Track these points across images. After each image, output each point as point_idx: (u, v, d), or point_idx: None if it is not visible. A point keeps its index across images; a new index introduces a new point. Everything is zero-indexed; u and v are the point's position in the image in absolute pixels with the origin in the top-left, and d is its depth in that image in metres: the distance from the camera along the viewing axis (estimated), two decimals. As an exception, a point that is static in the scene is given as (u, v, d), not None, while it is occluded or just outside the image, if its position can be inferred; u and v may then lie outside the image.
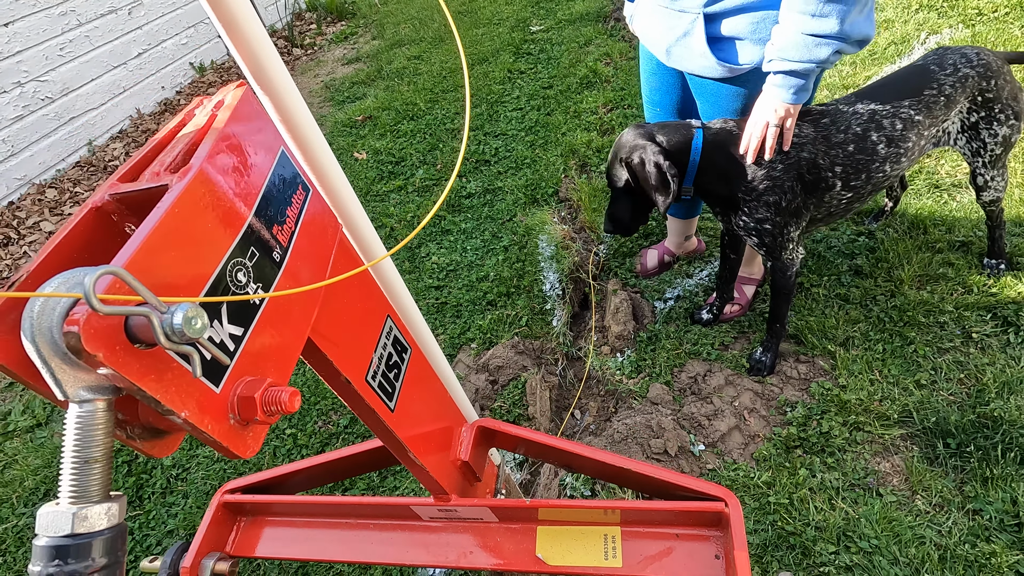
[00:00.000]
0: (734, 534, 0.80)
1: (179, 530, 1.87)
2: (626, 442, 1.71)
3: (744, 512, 1.53)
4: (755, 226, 1.59)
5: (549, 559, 0.89)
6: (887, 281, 2.00)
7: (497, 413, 1.95)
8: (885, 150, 1.53)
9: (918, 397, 1.67)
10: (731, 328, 2.04)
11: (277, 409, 0.48)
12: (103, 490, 0.43)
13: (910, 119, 1.53)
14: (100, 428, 0.42)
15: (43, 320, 0.39)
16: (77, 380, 0.41)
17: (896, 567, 1.36)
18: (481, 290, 2.46)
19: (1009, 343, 1.75)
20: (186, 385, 0.43)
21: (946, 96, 1.55)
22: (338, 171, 0.69)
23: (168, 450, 0.52)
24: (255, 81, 0.59)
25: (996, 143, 1.64)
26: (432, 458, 0.89)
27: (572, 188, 2.82)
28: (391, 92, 4.39)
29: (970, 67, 1.56)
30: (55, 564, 0.40)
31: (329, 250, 0.65)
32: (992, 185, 1.74)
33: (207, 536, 1.01)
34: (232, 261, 0.48)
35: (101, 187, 0.52)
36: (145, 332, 0.39)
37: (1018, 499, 1.40)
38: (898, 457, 1.58)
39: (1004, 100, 1.60)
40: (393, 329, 0.80)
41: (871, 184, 1.58)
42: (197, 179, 0.46)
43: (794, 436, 1.66)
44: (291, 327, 0.56)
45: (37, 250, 3.78)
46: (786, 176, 1.52)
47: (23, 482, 2.13)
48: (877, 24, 3.42)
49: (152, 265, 0.41)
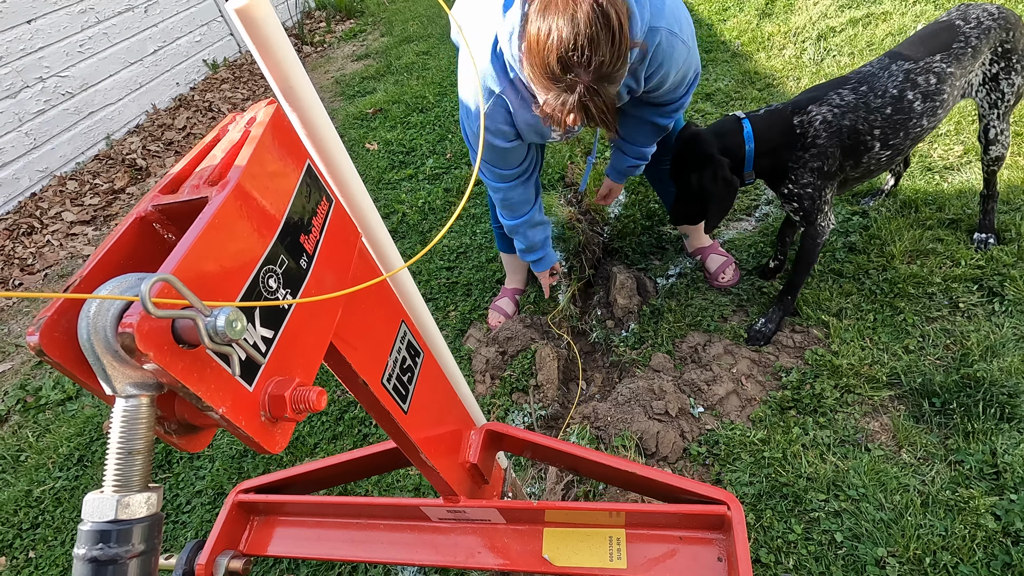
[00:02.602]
0: (736, 537, 0.81)
1: (207, 490, 1.98)
2: (629, 404, 1.81)
3: (740, 466, 1.63)
4: (798, 191, 1.72)
5: (555, 560, 0.91)
6: (879, 256, 2.09)
7: (507, 382, 2.05)
8: (921, 106, 1.65)
9: (906, 361, 1.77)
10: (730, 302, 2.14)
11: (305, 407, 0.50)
12: (143, 480, 0.45)
13: (943, 72, 1.65)
14: (143, 422, 0.44)
15: (98, 321, 0.41)
16: (125, 376, 0.43)
17: (881, 512, 1.45)
18: (491, 270, 2.56)
19: (994, 312, 1.84)
20: (223, 383, 0.45)
21: (972, 47, 1.67)
22: (359, 183, 0.73)
23: (200, 445, 0.54)
24: (284, 100, 0.64)
25: (1013, 93, 1.76)
26: (442, 460, 0.91)
27: (577, 173, 2.92)
28: (400, 86, 4.50)
29: (992, 20, 1.68)
30: (99, 547, 0.42)
31: (351, 257, 0.68)
32: (1001, 140, 1.86)
33: (222, 534, 1.03)
34: (264, 268, 0.51)
35: (144, 198, 0.55)
36: (190, 333, 0.41)
37: (996, 450, 1.49)
38: (886, 416, 1.68)
39: (1021, 51, 1.72)
40: (407, 334, 0.83)
41: (909, 140, 1.71)
42: (234, 192, 0.49)
43: (788, 398, 1.76)
44: (316, 330, 0.58)
45: (60, 239, 3.92)
46: (829, 143, 1.65)
47: (57, 448, 2.25)
48: (875, 16, 3.51)
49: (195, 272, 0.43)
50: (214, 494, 1.96)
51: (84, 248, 3.79)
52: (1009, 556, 1.31)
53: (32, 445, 2.32)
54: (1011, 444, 1.50)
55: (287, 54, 0.60)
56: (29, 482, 2.15)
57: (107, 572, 0.42)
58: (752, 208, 2.54)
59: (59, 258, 3.75)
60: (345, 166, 0.70)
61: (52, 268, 3.67)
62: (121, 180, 4.38)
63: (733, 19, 4.00)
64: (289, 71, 0.61)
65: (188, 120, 5.06)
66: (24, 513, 2.05)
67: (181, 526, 1.91)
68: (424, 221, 2.99)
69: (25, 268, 3.69)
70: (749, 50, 3.61)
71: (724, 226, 2.49)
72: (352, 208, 0.73)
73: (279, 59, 0.60)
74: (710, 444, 1.72)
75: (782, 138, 1.68)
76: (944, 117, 1.74)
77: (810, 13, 3.73)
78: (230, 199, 0.48)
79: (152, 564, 0.44)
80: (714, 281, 2.20)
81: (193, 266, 0.43)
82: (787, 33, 3.63)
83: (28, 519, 2.03)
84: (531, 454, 1.10)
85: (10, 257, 3.75)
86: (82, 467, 2.18)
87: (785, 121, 1.67)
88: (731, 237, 2.42)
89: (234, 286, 0.48)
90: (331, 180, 0.70)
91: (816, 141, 1.65)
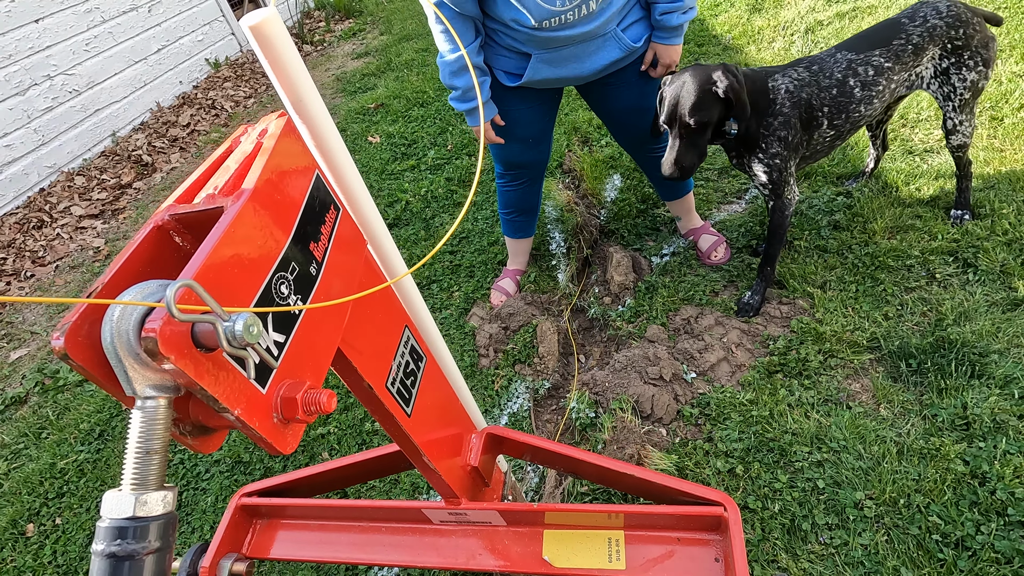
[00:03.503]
0: (733, 538, 0.82)
1: (224, 459, 2.08)
2: (626, 370, 1.92)
3: (730, 425, 1.74)
4: (767, 161, 1.83)
5: (555, 561, 0.92)
6: (862, 233, 2.21)
7: (510, 355, 2.16)
8: (860, 93, 1.80)
9: (885, 327, 1.88)
10: (721, 277, 2.25)
11: (316, 409, 0.51)
12: (159, 479, 0.46)
13: (880, 66, 1.79)
14: (161, 423, 0.45)
15: (121, 325, 0.43)
16: (145, 379, 0.44)
17: (860, 461, 1.56)
18: (492, 252, 2.67)
19: (968, 281, 1.95)
20: (239, 386, 0.47)
21: (914, 45, 1.80)
22: (365, 193, 0.75)
23: (214, 447, 0.55)
24: (295, 112, 0.66)
25: (965, 88, 1.87)
26: (444, 462, 0.92)
27: (575, 160, 3.03)
28: (401, 82, 4.61)
29: (939, 18, 1.80)
30: (117, 543, 0.43)
31: (358, 264, 0.70)
32: (960, 130, 1.96)
33: (225, 538, 1.05)
34: (277, 275, 0.52)
35: (161, 207, 0.56)
36: (209, 338, 0.42)
37: (967, 404, 1.60)
38: (866, 378, 1.79)
39: (973, 48, 1.82)
40: (410, 339, 0.85)
41: (849, 123, 1.85)
42: (249, 202, 0.51)
43: (775, 363, 1.87)
44: (325, 335, 0.60)
45: (69, 232, 4.01)
46: (792, 113, 1.77)
47: (79, 425, 2.34)
48: (861, 10, 3.63)
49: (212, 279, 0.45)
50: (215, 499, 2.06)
51: (93, 240, 3.88)
52: (976, 496, 1.42)
53: (53, 423, 2.41)
54: (980, 398, 1.61)
55: (298, 68, 0.63)
56: (53, 456, 2.25)
57: (124, 567, 0.42)
58: (742, 191, 2.66)
59: (69, 250, 3.84)
60: (352, 176, 0.73)
61: (63, 260, 3.76)
62: (127, 176, 4.48)
63: (724, 14, 4.12)
64: (299, 84, 0.64)
65: (192, 117, 5.16)
66: (49, 484, 2.15)
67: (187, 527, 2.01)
68: (427, 209, 3.10)
69: (36, 260, 3.78)
70: (740, 43, 3.73)
71: (715, 208, 2.60)
72: (358, 216, 0.75)
73: (290, 73, 0.63)
74: (702, 406, 1.82)
75: (760, 97, 1.77)
76: (880, 108, 1.89)
77: (799, 7, 3.86)
78: (245, 209, 0.50)
79: (167, 561, 0.45)
80: (707, 259, 2.31)
81: (211, 273, 0.45)
82: (776, 27, 3.75)
83: (54, 489, 2.13)
84: (531, 457, 1.12)
85: (21, 250, 3.84)
86: (103, 441, 2.27)
87: (763, 82, 1.78)
88: (722, 218, 2.53)
89: (248, 292, 0.49)
90: (338, 189, 0.72)
91: (783, 109, 1.77)
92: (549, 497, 1.76)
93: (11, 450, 2.36)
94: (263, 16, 0.59)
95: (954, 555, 1.34)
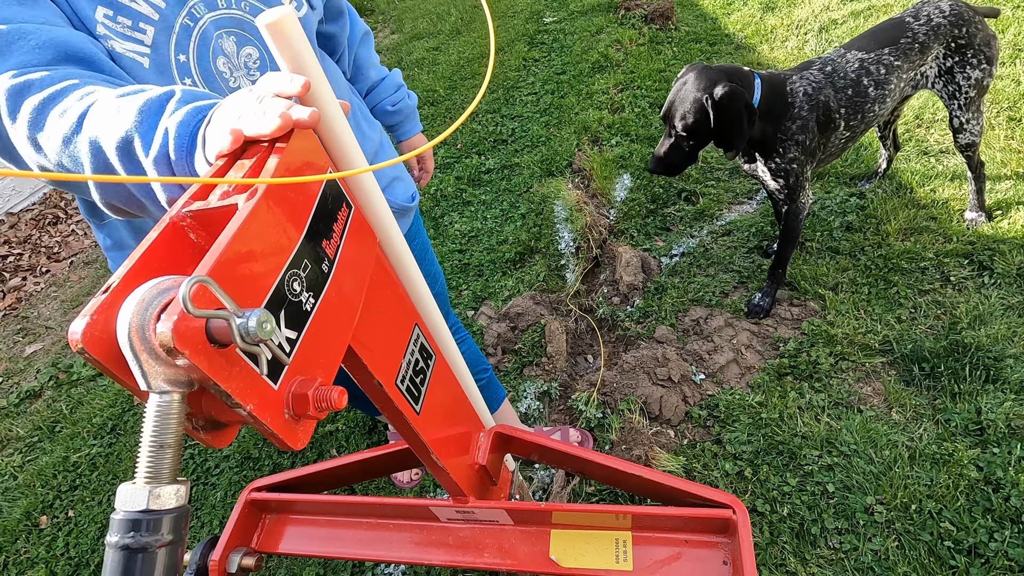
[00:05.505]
0: (742, 541, 0.82)
1: (234, 455, 2.10)
2: (634, 371, 1.91)
3: (739, 427, 1.73)
4: (784, 166, 1.81)
5: (562, 561, 0.92)
6: (875, 235, 2.18)
7: (518, 354, 2.16)
8: (874, 92, 1.79)
9: (898, 330, 1.86)
10: (731, 279, 2.23)
11: (327, 406, 0.52)
12: (173, 473, 0.47)
13: (891, 64, 1.78)
14: (174, 417, 0.46)
15: (136, 320, 0.44)
16: (159, 374, 0.45)
17: (871, 465, 1.54)
18: (501, 252, 2.67)
19: (984, 284, 1.92)
20: (251, 381, 0.47)
21: (920, 43, 1.79)
22: (377, 191, 0.75)
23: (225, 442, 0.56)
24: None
25: (970, 86, 1.85)
26: (452, 461, 0.93)
27: (585, 159, 3.02)
28: (411, 81, 4.61)
29: (942, 16, 1.79)
30: (130, 536, 0.44)
31: (369, 262, 0.71)
32: (967, 128, 1.94)
33: (235, 532, 1.05)
34: (290, 272, 0.53)
35: (176, 204, 0.58)
36: (222, 334, 0.43)
37: (981, 409, 1.58)
38: (878, 381, 1.77)
39: (976, 46, 1.81)
40: (420, 337, 0.85)
41: (864, 123, 1.84)
42: (263, 199, 0.51)
43: (785, 365, 1.85)
44: (337, 332, 0.60)
45: (84, 228, 4.06)
46: (810, 116, 1.76)
47: (92, 419, 2.37)
48: (876, 8, 3.59)
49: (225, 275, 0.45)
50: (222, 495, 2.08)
51: (107, 237, 3.92)
52: (989, 502, 1.40)
53: (66, 417, 2.44)
54: (995, 403, 1.59)
55: (313, 66, 0.63)
56: (66, 449, 2.28)
57: (137, 560, 0.43)
58: (753, 192, 2.63)
59: (83, 246, 3.88)
60: (365, 174, 0.73)
61: (77, 256, 3.81)
62: (141, 172, 4.52)
63: (737, 12, 4.09)
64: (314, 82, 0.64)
65: (205, 115, 5.20)
66: (63, 477, 2.18)
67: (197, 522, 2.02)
68: (436, 207, 3.10)
69: (52, 256, 3.83)
70: (752, 42, 3.70)
71: (726, 208, 2.58)
72: (370, 214, 0.76)
73: (305, 71, 0.63)
74: (711, 408, 1.81)
75: (778, 101, 1.76)
76: (892, 107, 1.88)
77: (813, 6, 3.82)
78: (259, 206, 0.50)
79: (179, 555, 0.46)
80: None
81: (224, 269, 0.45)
82: (790, 25, 3.71)
83: (67, 482, 2.16)
84: (539, 456, 1.11)
85: (37, 246, 3.90)
86: (115, 435, 2.30)
87: (781, 86, 1.77)
88: (733, 219, 2.51)
89: (261, 289, 0.49)
90: (351, 187, 0.72)
91: (801, 112, 1.75)
92: (556, 497, 1.76)
93: (25, 443, 2.40)
94: (279, 14, 0.59)
95: (966, 562, 1.32)
